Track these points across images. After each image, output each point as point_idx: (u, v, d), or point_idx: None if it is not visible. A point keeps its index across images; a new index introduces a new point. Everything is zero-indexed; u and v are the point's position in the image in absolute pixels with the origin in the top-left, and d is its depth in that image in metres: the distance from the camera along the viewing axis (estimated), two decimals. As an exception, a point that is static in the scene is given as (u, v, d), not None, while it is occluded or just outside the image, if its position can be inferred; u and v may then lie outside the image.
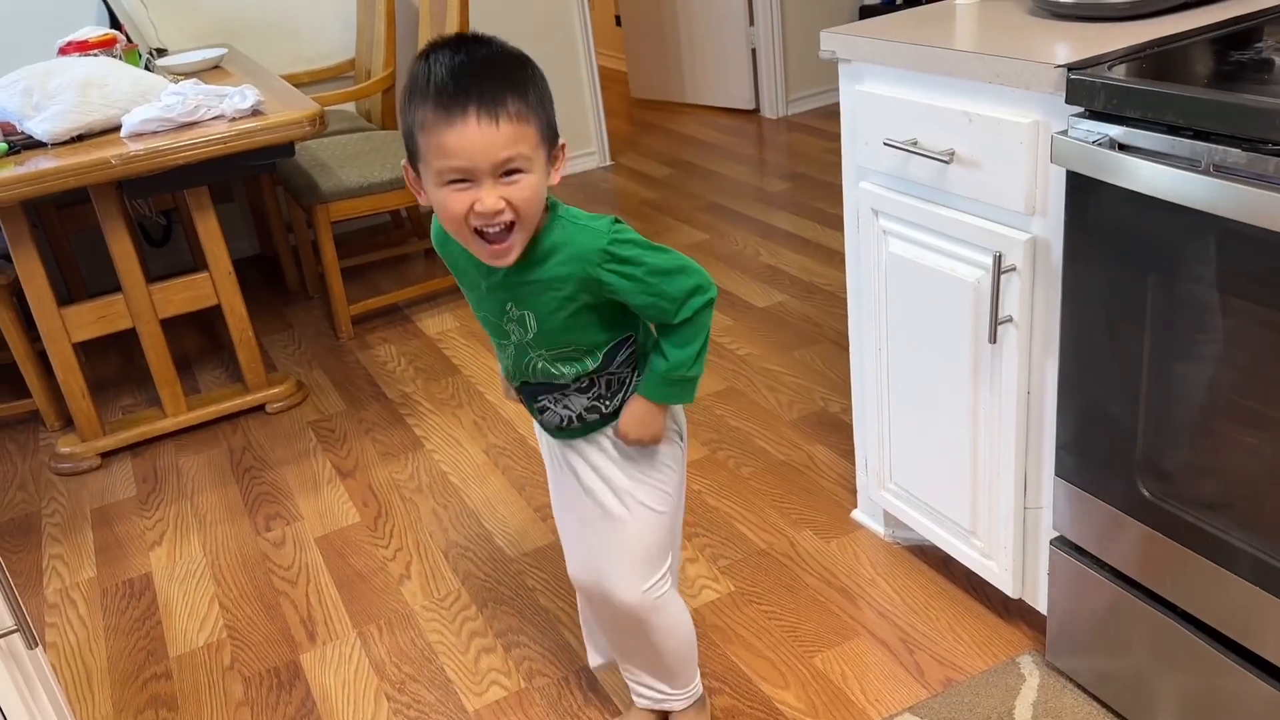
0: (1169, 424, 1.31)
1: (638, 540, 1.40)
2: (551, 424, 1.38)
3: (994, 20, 1.57)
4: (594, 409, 1.36)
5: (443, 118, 1.13)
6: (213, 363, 3.10)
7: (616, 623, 1.48)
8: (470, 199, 1.16)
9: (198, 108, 2.40)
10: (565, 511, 1.49)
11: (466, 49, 1.16)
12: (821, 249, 3.31)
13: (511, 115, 1.13)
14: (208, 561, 2.20)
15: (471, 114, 1.12)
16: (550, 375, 1.33)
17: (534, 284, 1.26)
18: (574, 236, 1.24)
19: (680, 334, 1.30)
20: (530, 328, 1.29)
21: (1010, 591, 1.66)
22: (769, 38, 4.62)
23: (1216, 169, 1.11)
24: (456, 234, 1.21)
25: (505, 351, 1.36)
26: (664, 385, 1.33)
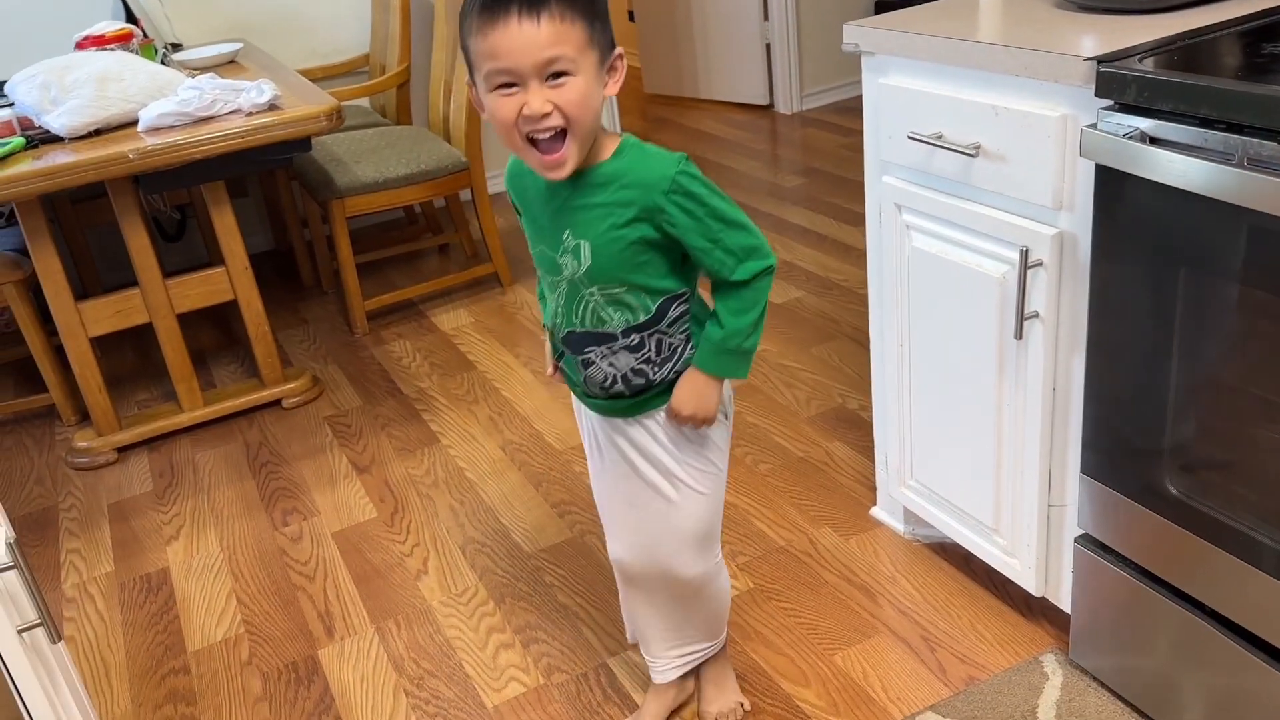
0: (1197, 420, 1.29)
1: (695, 521, 1.42)
2: (596, 381, 1.34)
3: (1019, 13, 1.56)
4: (640, 372, 1.33)
5: (487, 20, 1.13)
6: (228, 358, 3.10)
7: (670, 599, 1.50)
8: (518, 103, 1.15)
9: (214, 102, 2.40)
10: (610, 494, 1.48)
11: None
12: (838, 245, 3.30)
13: (554, 14, 1.13)
14: (225, 556, 2.20)
15: (513, 12, 1.12)
16: (600, 320, 1.30)
17: (596, 208, 1.24)
18: (643, 162, 1.24)
19: (738, 298, 1.28)
20: (584, 259, 1.27)
21: (1034, 589, 1.65)
22: (783, 32, 4.60)
23: (1251, 162, 1.10)
24: (509, 143, 1.20)
25: (556, 292, 1.32)
26: (719, 355, 1.31)
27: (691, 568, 1.45)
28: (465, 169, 3.13)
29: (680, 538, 1.43)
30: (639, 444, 1.39)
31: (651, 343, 1.32)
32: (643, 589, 1.52)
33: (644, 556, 1.46)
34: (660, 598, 1.51)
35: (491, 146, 4.08)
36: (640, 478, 1.41)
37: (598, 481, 1.50)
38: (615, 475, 1.44)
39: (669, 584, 1.47)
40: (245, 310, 2.66)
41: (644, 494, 1.42)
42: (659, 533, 1.43)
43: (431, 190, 3.11)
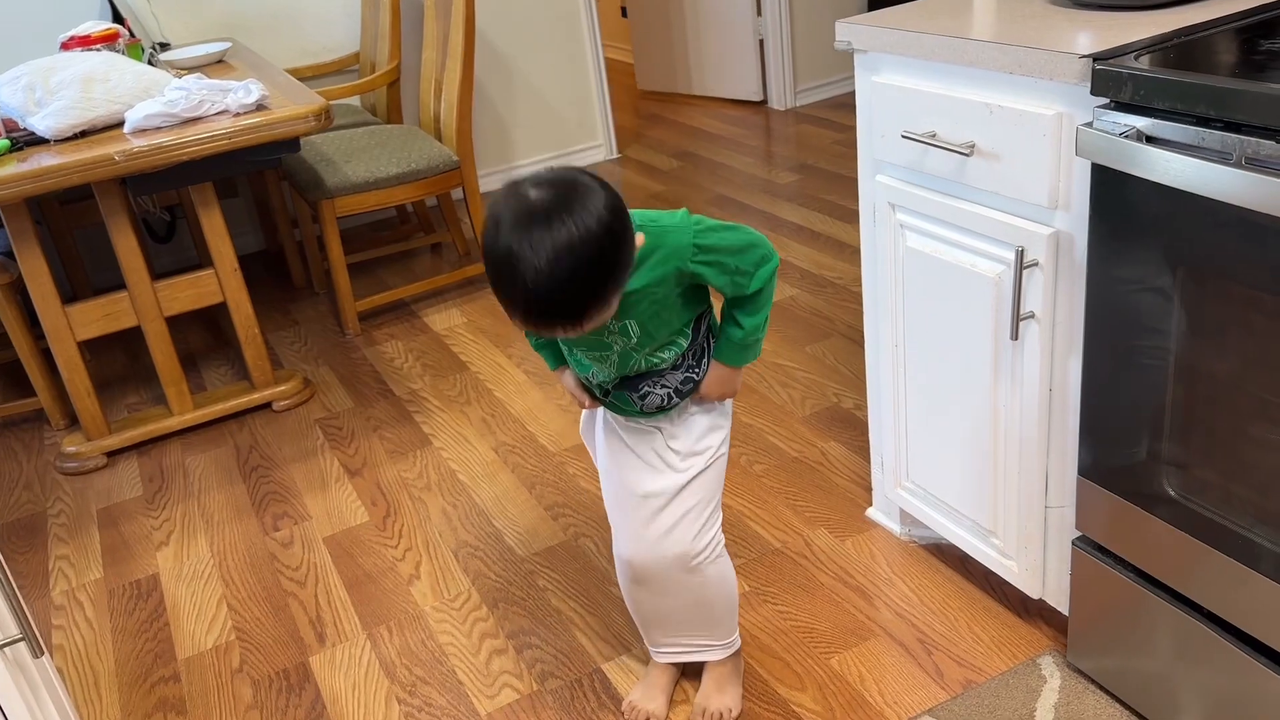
0: (1195, 421, 1.28)
1: (706, 485, 1.48)
2: (654, 404, 1.43)
3: (1013, 9, 1.54)
4: (689, 380, 1.44)
5: (531, 328, 1.21)
6: (218, 360, 3.08)
7: (676, 585, 1.52)
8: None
9: (202, 103, 2.38)
10: (628, 492, 1.50)
11: (542, 252, 1.12)
12: (832, 242, 3.28)
13: (594, 317, 1.19)
14: (215, 562, 2.18)
15: (558, 331, 1.20)
16: (653, 365, 1.40)
17: (633, 295, 1.30)
18: (662, 239, 1.30)
19: (753, 303, 1.40)
20: (634, 334, 1.35)
21: (1031, 592, 1.64)
22: (777, 28, 4.58)
23: (1249, 161, 1.08)
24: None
25: (605, 363, 1.40)
26: (740, 350, 1.44)
27: (701, 539, 1.49)
28: (457, 167, 3.11)
29: (694, 509, 1.48)
30: (670, 432, 1.47)
31: (690, 355, 1.43)
32: (653, 586, 1.53)
33: (656, 544, 1.49)
34: (665, 583, 1.52)
35: (483, 145, 4.06)
36: (664, 464, 1.47)
37: (614, 485, 1.52)
38: (636, 471, 1.48)
39: (679, 567, 1.50)
40: (235, 312, 2.64)
41: (663, 478, 1.47)
42: (672, 512, 1.47)
43: (423, 189, 3.08)
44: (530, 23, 4.04)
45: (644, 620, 1.61)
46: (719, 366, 1.45)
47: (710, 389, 1.46)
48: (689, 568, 1.50)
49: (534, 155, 4.25)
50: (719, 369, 1.45)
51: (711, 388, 1.46)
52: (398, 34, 3.47)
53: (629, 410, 1.46)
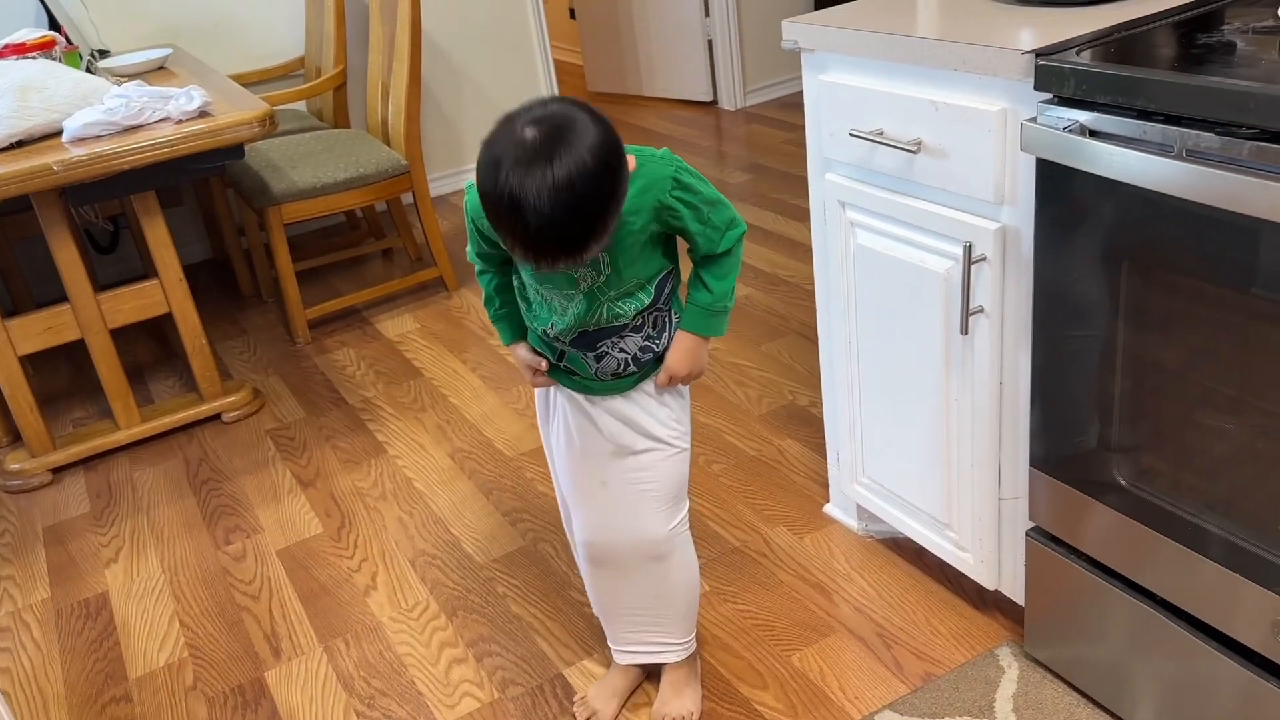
0: (1143, 410, 1.30)
1: (670, 475, 1.49)
2: (609, 369, 1.41)
3: (957, 7, 1.55)
4: (647, 348, 1.42)
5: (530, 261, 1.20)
6: (166, 372, 3.02)
7: (637, 570, 1.52)
8: None
9: (142, 110, 2.33)
10: (586, 477, 1.50)
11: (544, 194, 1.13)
12: (785, 240, 3.29)
13: (594, 249, 1.20)
14: (166, 578, 2.13)
15: (560, 264, 1.20)
16: (615, 316, 1.37)
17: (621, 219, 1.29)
18: (644, 168, 1.31)
19: (721, 265, 1.39)
20: (604, 269, 1.33)
21: (987, 583, 1.65)
22: (725, 29, 4.59)
23: (1189, 154, 1.10)
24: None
25: (571, 304, 1.36)
26: (707, 316, 1.42)
27: (661, 526, 1.49)
28: (406, 172, 3.08)
29: (656, 497, 1.48)
30: (629, 414, 1.45)
31: (649, 320, 1.41)
32: (614, 568, 1.53)
33: (615, 531, 1.49)
34: (629, 570, 1.53)
35: (432, 149, 4.02)
36: (624, 451, 1.46)
37: (573, 469, 1.51)
38: (596, 457, 1.48)
39: (642, 552, 1.50)
40: (181, 323, 2.59)
41: (624, 465, 1.47)
42: (635, 495, 1.48)
43: (372, 194, 3.05)
44: (477, 25, 4.01)
45: (605, 611, 1.61)
46: (685, 336, 1.43)
47: (677, 363, 1.43)
48: (655, 554, 1.50)
49: (485, 158, 4.22)
50: (685, 339, 1.43)
51: (679, 361, 1.43)
52: (343, 38, 3.43)
53: (584, 377, 1.43)
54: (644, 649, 1.62)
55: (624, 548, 1.51)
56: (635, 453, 1.47)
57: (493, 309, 1.49)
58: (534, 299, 1.41)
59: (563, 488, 1.56)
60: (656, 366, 1.45)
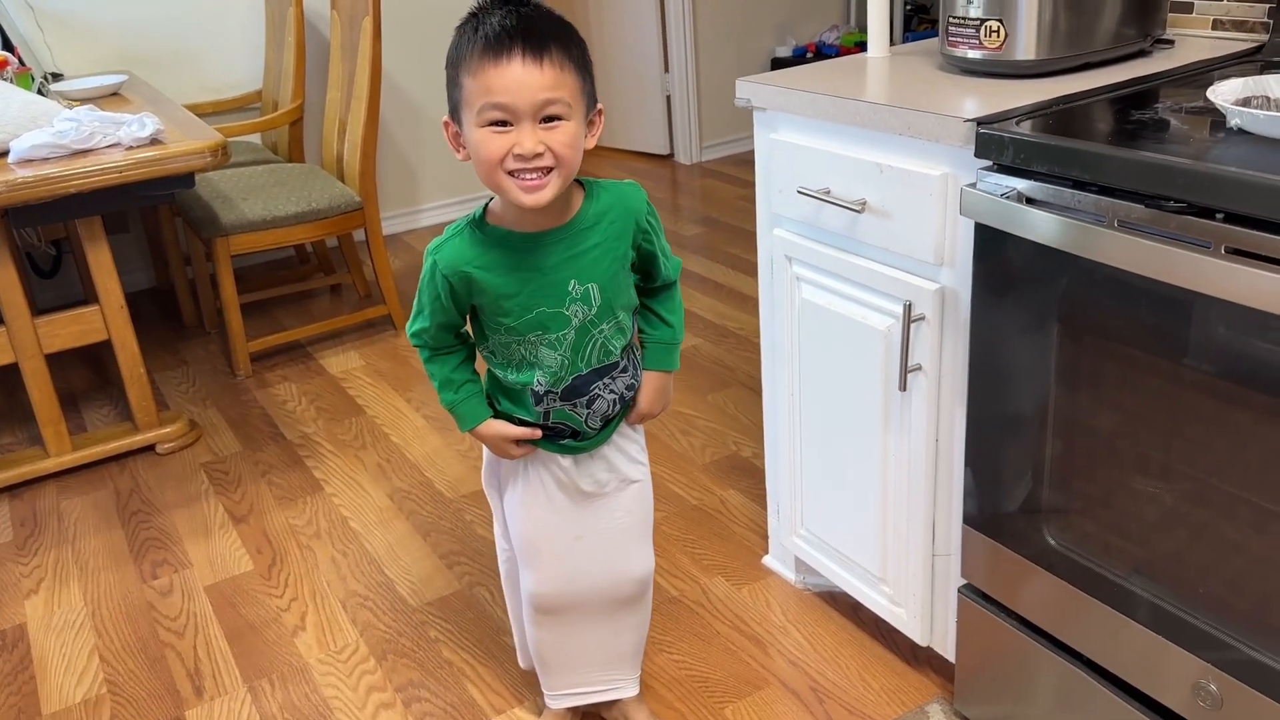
0: (1074, 473, 1.32)
1: (647, 508, 1.53)
2: (600, 413, 1.41)
3: (905, 74, 1.60)
4: (631, 386, 1.44)
5: (489, 58, 1.17)
6: (101, 400, 2.96)
7: (611, 614, 1.53)
8: (509, 142, 1.19)
9: (93, 135, 2.30)
10: (562, 534, 1.47)
11: (515, 6, 1.20)
12: (734, 293, 3.33)
13: (555, 61, 1.18)
14: (89, 611, 2.07)
15: (517, 54, 1.17)
16: (607, 353, 1.38)
17: (597, 249, 1.32)
18: (618, 194, 1.35)
19: (672, 298, 1.45)
20: (594, 301, 1.34)
21: (919, 639, 1.66)
22: (683, 85, 4.67)
23: (1121, 224, 1.14)
24: (489, 178, 1.23)
25: (561, 345, 1.34)
26: (671, 351, 1.46)
27: (645, 562, 1.53)
28: (359, 209, 3.07)
29: (640, 533, 1.52)
30: (612, 460, 1.47)
31: (631, 360, 1.43)
32: (569, 615, 1.52)
33: (591, 578, 1.50)
34: (593, 619, 1.52)
35: (387, 187, 4.02)
36: (605, 497, 1.48)
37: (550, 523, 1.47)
38: (575, 511, 1.47)
39: (618, 596, 1.51)
40: (119, 351, 2.55)
41: (605, 511, 1.48)
42: (622, 541, 1.50)
43: (323, 230, 3.04)
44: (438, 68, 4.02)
45: (548, 662, 1.58)
46: (655, 375, 1.46)
47: (652, 402, 1.46)
48: (634, 595, 1.53)
49: (439, 199, 4.23)
50: (656, 377, 1.46)
51: (653, 400, 1.46)
52: (302, 73, 3.43)
53: (573, 435, 1.41)
54: (587, 690, 1.59)
55: (589, 600, 1.50)
56: (619, 495, 1.48)
57: (451, 393, 1.40)
58: (517, 354, 1.35)
59: (524, 545, 1.49)
60: (627, 408, 1.46)
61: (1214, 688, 1.20)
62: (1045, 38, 1.45)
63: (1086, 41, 1.48)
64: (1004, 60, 1.48)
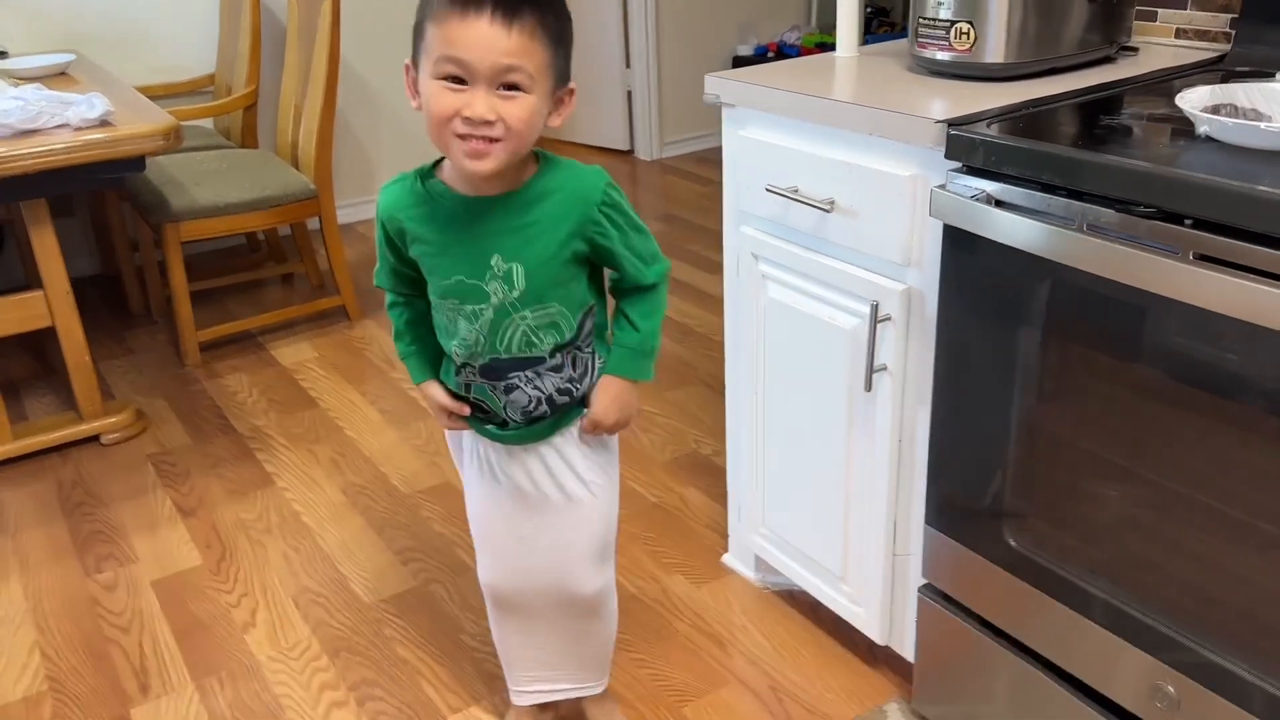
0: (1035, 474, 1.33)
1: (601, 524, 1.42)
2: (519, 405, 1.32)
3: (874, 75, 1.60)
4: (566, 391, 1.34)
5: (457, 9, 1.11)
6: (42, 388, 2.87)
7: (565, 621, 1.48)
8: (461, 102, 1.14)
9: (40, 114, 2.24)
10: (501, 525, 1.42)
11: None
12: (695, 291, 3.32)
13: (525, 27, 1.12)
14: (29, 606, 2.01)
15: (486, 11, 1.11)
16: (529, 345, 1.29)
17: (529, 227, 1.24)
18: (574, 176, 1.26)
19: (648, 302, 1.34)
20: (517, 283, 1.26)
21: (878, 638, 1.67)
22: (645, 82, 4.66)
23: (1090, 228, 1.14)
24: (436, 136, 1.17)
25: (477, 321, 1.28)
26: (636, 358, 1.36)
27: (593, 581, 1.44)
28: (314, 197, 3.02)
29: (584, 553, 1.42)
30: (549, 465, 1.38)
31: (569, 360, 1.33)
32: (523, 614, 1.48)
33: (534, 583, 1.44)
34: (549, 622, 1.48)
35: (342, 175, 3.96)
36: (544, 504, 1.39)
37: (487, 512, 1.44)
38: (512, 506, 1.41)
39: (564, 608, 1.45)
40: (64, 338, 2.47)
41: (544, 519, 1.40)
42: (564, 547, 1.42)
43: (276, 217, 2.98)
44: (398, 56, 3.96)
45: (510, 656, 1.55)
46: (612, 381, 1.36)
47: (604, 411, 1.36)
48: (582, 611, 1.46)
49: (396, 190, 4.17)
50: (613, 384, 1.36)
51: (606, 409, 1.36)
52: (257, 58, 3.36)
53: (495, 421, 1.35)
54: (552, 690, 1.56)
55: (540, 600, 1.46)
56: (559, 508, 1.39)
57: (403, 345, 1.40)
58: (442, 317, 1.32)
59: (473, 528, 1.47)
60: (576, 413, 1.38)
61: (1171, 689, 1.22)
62: (1014, 41, 1.46)
63: (1054, 46, 1.49)
64: (973, 63, 1.48)
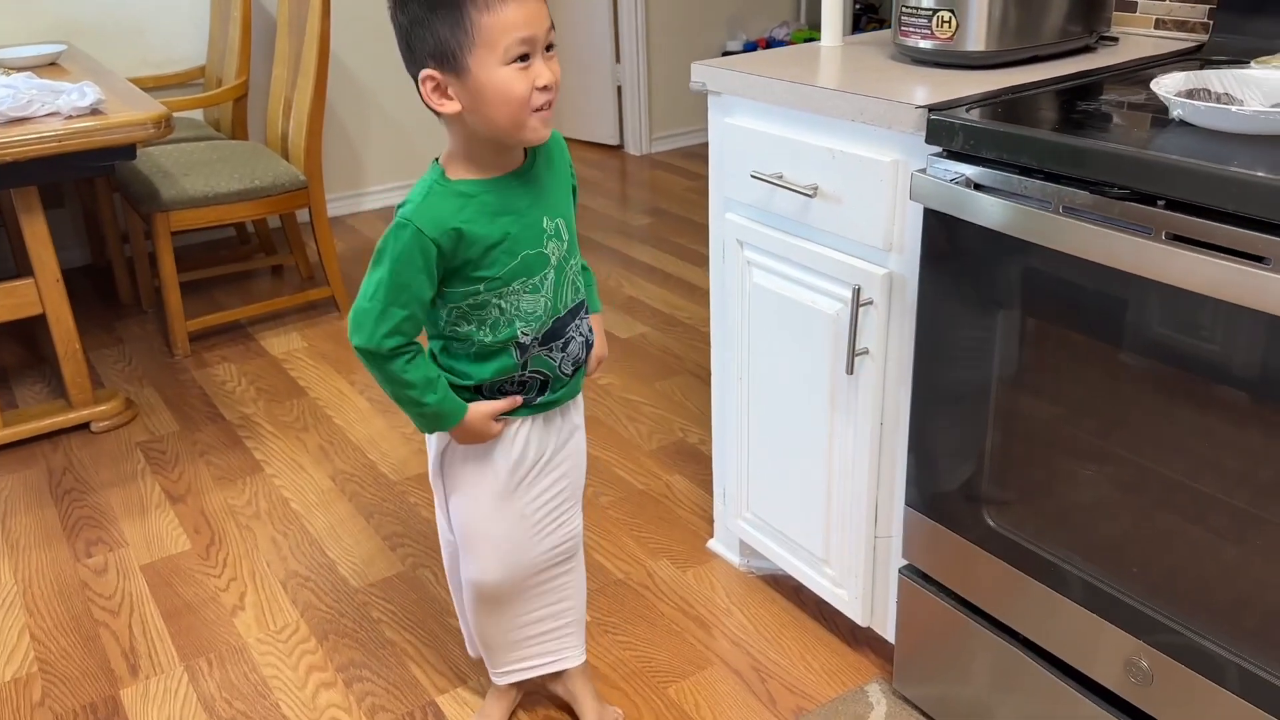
0: (1014, 455, 1.35)
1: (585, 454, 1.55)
2: (572, 355, 1.41)
3: (857, 63, 1.62)
4: (590, 328, 1.45)
5: None
6: (33, 376, 2.88)
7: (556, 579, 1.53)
8: (532, 76, 1.20)
9: (31, 102, 2.25)
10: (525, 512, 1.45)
11: None
12: (682, 283, 3.34)
13: None
14: (19, 589, 2.02)
15: None
16: (575, 293, 1.39)
17: (552, 181, 1.35)
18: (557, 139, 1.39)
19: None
20: (564, 235, 1.36)
21: (859, 619, 1.69)
22: (634, 76, 4.67)
23: (1066, 209, 1.17)
24: (514, 118, 1.21)
25: (544, 287, 1.33)
26: (596, 296, 1.51)
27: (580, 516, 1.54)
28: (304, 188, 3.03)
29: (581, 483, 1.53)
30: (569, 414, 1.48)
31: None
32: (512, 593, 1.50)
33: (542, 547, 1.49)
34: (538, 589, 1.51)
35: (332, 170, 3.97)
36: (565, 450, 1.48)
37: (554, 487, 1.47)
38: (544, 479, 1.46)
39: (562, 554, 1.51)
40: (54, 326, 2.48)
41: (564, 464, 1.48)
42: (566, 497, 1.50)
43: (266, 208, 2.99)
44: (388, 48, 3.96)
45: (493, 644, 1.56)
46: (597, 318, 1.50)
47: (602, 344, 1.50)
48: (573, 550, 1.53)
49: (385, 182, 4.18)
50: (597, 320, 1.50)
51: (602, 341, 1.51)
52: (248, 50, 3.37)
53: (547, 381, 1.38)
54: (534, 663, 1.58)
55: (533, 569, 1.49)
56: (569, 444, 1.48)
57: (434, 392, 1.32)
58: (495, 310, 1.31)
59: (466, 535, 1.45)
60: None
61: (1145, 664, 1.24)
62: (995, 30, 1.48)
63: (1034, 35, 1.51)
64: (954, 51, 1.51)
